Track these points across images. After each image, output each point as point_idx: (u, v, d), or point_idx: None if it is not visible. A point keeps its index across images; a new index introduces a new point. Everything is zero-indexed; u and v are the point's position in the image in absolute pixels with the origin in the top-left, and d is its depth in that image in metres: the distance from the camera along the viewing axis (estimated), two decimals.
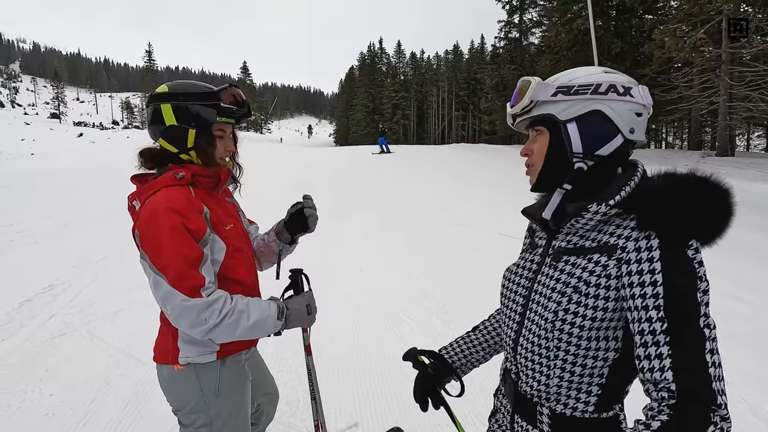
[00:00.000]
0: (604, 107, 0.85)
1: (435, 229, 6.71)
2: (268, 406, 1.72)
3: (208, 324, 1.21)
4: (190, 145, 1.35)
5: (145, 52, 69.75)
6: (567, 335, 0.84)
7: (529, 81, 0.90)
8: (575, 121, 0.86)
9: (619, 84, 0.85)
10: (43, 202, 8.63)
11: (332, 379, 2.77)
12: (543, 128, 0.90)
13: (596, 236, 0.85)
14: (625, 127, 0.85)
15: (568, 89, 0.86)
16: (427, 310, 3.82)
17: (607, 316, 0.81)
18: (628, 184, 0.84)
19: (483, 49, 52.88)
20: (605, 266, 0.81)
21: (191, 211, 1.26)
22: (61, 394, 2.61)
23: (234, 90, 1.39)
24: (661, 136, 35.35)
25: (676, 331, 0.70)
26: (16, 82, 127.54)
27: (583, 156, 0.86)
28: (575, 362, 0.85)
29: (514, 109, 0.93)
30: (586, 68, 0.89)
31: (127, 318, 3.62)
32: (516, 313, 0.96)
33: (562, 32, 20.14)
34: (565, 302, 0.84)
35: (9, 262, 5.07)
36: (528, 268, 0.97)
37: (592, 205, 0.83)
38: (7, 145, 28.98)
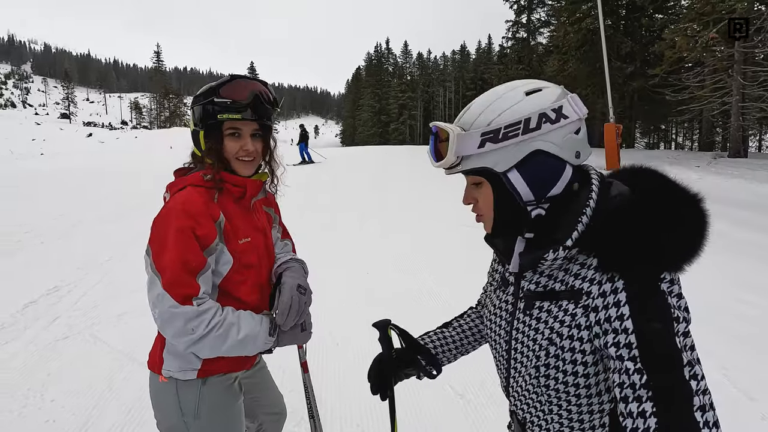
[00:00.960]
0: (542, 144, 0.74)
1: (439, 229, 6.64)
2: (271, 427, 1.63)
3: (195, 335, 1.14)
4: (203, 147, 1.31)
5: (153, 52, 70.32)
6: (554, 391, 0.78)
7: (447, 132, 0.78)
8: (516, 169, 0.75)
9: (548, 109, 0.74)
10: (51, 202, 8.67)
11: (337, 385, 2.71)
12: (482, 178, 0.79)
13: (564, 277, 0.77)
14: (570, 155, 0.76)
15: (495, 134, 0.74)
16: (434, 312, 3.74)
17: (590, 370, 0.75)
18: (582, 215, 0.74)
19: (490, 49, 52.71)
20: (573, 315, 0.74)
21: (204, 217, 1.21)
22: (62, 400, 2.57)
23: (236, 82, 1.28)
24: (670, 137, 34.94)
25: (656, 383, 0.62)
26: (28, 83, 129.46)
27: (537, 202, 0.77)
28: (571, 417, 0.80)
29: (439, 165, 0.81)
30: (502, 96, 0.76)
31: (131, 321, 3.59)
32: (503, 359, 0.90)
33: (571, 32, 19.94)
34: (544, 357, 0.78)
35: (16, 263, 5.08)
36: (505, 309, 0.89)
37: (548, 254, 0.74)
38: (17, 144, 29.36)
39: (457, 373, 2.49)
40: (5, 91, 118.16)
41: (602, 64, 11.62)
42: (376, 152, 21.47)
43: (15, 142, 31.82)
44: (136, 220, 7.14)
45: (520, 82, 0.79)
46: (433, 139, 0.83)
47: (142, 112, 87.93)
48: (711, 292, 4.07)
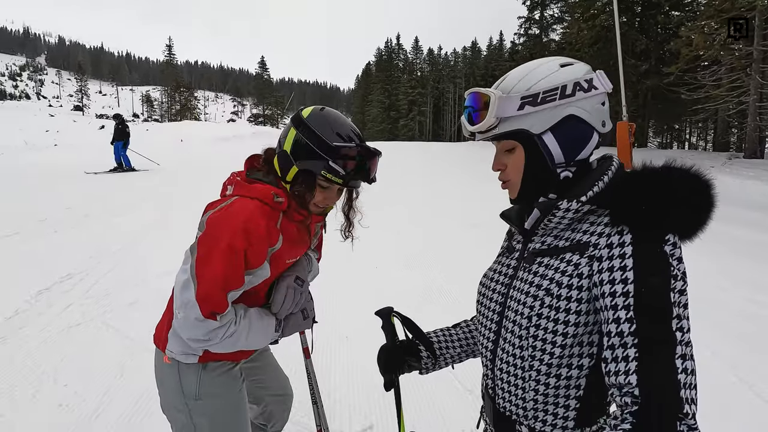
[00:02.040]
0: (575, 110, 0.80)
1: (450, 226, 6.61)
2: (277, 408, 1.66)
3: (209, 343, 1.20)
4: (289, 179, 1.27)
5: (165, 46, 70.78)
6: (541, 342, 0.79)
7: (488, 95, 0.82)
8: (550, 131, 0.80)
9: (582, 79, 0.80)
10: (65, 192, 8.79)
11: (346, 380, 2.71)
12: (514, 142, 0.83)
13: (570, 235, 0.81)
14: (598, 124, 0.82)
15: (534, 98, 0.79)
16: (443, 309, 3.73)
17: (581, 319, 0.76)
18: (601, 179, 0.79)
19: (501, 46, 52.24)
20: (577, 265, 0.76)
21: (261, 243, 1.20)
22: (75, 385, 2.61)
23: (355, 151, 1.23)
24: (684, 137, 34.40)
25: (644, 332, 0.66)
26: (42, 75, 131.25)
27: (566, 164, 0.82)
28: (549, 372, 0.79)
29: (477, 127, 0.84)
30: (539, 66, 0.82)
31: (142, 310, 3.62)
32: (492, 322, 0.89)
33: (585, 28, 19.67)
34: (538, 306, 0.79)
35: (29, 250, 5.15)
36: (504, 273, 0.91)
37: (562, 203, 0.78)
38: (31, 135, 29.78)
39: (466, 369, 2.48)
40: (20, 82, 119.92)
41: (616, 61, 11.41)
42: (384, 149, 21.41)
43: (29, 133, 32.30)
44: (146, 213, 7.22)
45: (550, 58, 0.84)
46: (471, 102, 0.86)
47: (154, 105, 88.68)
48: (722, 292, 4.00)
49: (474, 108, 0.85)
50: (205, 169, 12.36)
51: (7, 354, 2.91)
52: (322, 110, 1.29)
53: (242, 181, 1.28)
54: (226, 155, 15.34)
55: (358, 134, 1.28)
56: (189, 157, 16.29)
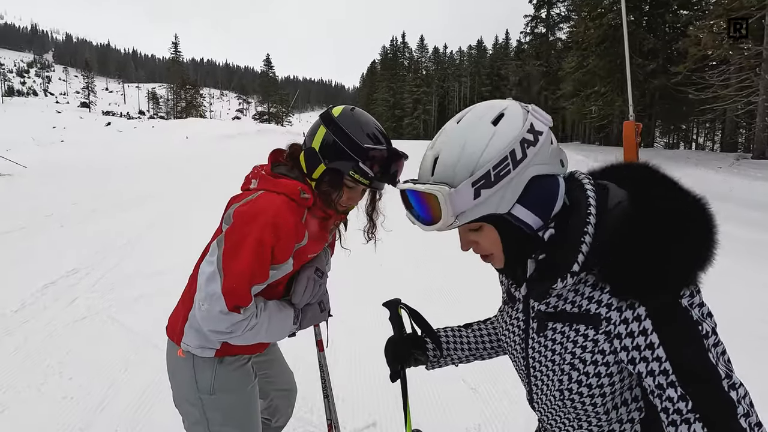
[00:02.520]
0: (534, 170, 0.71)
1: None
2: (282, 402, 1.66)
3: (229, 335, 1.19)
4: (315, 176, 1.28)
5: (171, 43, 71.03)
6: (582, 409, 0.78)
7: (434, 195, 0.71)
8: (517, 203, 0.71)
9: (524, 131, 0.70)
10: (71, 187, 8.84)
11: (350, 377, 2.71)
12: (483, 224, 0.75)
13: (574, 298, 0.75)
14: (558, 168, 0.74)
15: (487, 179, 0.69)
16: (445, 309, 3.72)
17: (616, 387, 0.75)
18: (585, 234, 0.70)
19: (507, 45, 52.06)
20: (595, 341, 0.72)
21: (289, 238, 1.21)
22: (80, 378, 2.62)
23: (384, 153, 1.23)
24: (691, 137, 34.14)
25: (702, 405, 0.62)
26: (50, 72, 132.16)
27: (545, 225, 0.74)
28: (599, 417, 0.78)
29: (435, 227, 0.74)
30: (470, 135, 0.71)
31: (146, 304, 3.64)
32: (523, 374, 0.89)
33: (592, 27, 19.57)
34: (566, 381, 0.77)
35: (36, 245, 5.19)
36: (516, 326, 0.88)
37: (556, 284, 0.71)
38: (39, 132, 29.99)
39: (471, 368, 2.46)
40: (28, 79, 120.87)
41: (623, 60, 11.35)
42: None
43: (36, 129, 32.48)
44: (151, 209, 7.25)
45: (473, 113, 0.74)
46: (415, 204, 0.76)
47: (159, 102, 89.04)
48: (737, 297, 3.96)
49: (423, 210, 0.75)
50: (220, 165, 12.40)
51: (13, 347, 2.93)
52: (353, 110, 1.29)
53: (267, 175, 1.27)
54: (231, 152, 15.38)
55: (385, 136, 1.28)
56: (196, 154, 16.34)
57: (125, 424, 2.25)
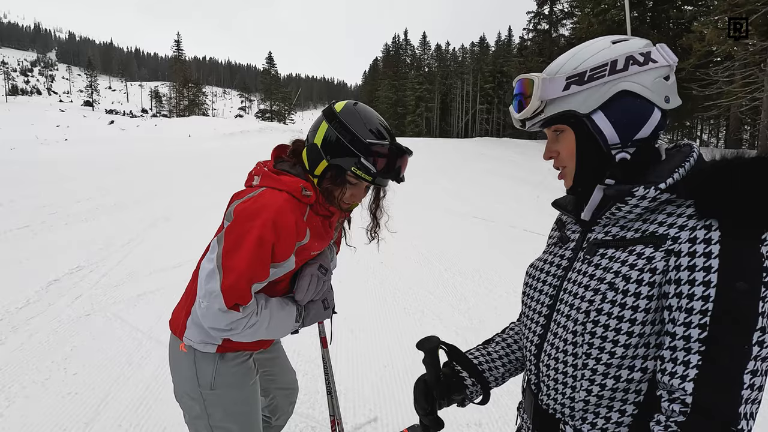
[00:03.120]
0: (630, 85, 0.72)
1: (456, 222, 6.59)
2: (283, 401, 1.66)
3: (230, 332, 1.19)
4: (317, 173, 1.27)
5: (173, 42, 71.09)
6: (600, 339, 0.70)
7: (531, 79, 0.78)
8: (601, 110, 0.73)
9: (636, 52, 0.73)
10: (75, 185, 8.88)
11: (352, 373, 2.72)
12: (564, 126, 0.77)
13: (641, 226, 0.72)
14: (659, 99, 0.73)
15: (581, 77, 0.73)
16: (448, 304, 3.73)
17: (648, 317, 0.67)
18: (682, 165, 0.71)
19: (510, 42, 51.83)
20: (650, 258, 0.67)
21: (290, 236, 1.19)
22: (84, 374, 2.64)
23: (390, 153, 1.22)
24: (695, 134, 33.93)
25: (716, 343, 0.60)
26: (53, 71, 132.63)
27: (622, 145, 0.73)
28: (607, 373, 0.71)
29: (522, 114, 0.79)
30: (589, 45, 0.76)
31: (149, 301, 3.66)
32: (541, 315, 0.83)
33: (595, 23, 19.46)
34: (599, 300, 0.70)
35: (40, 242, 5.22)
36: (557, 264, 0.84)
37: (638, 189, 0.70)
38: (42, 130, 30.13)
39: None
40: (31, 78, 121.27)
41: None
42: None
43: (40, 128, 32.64)
44: (154, 206, 7.28)
45: (608, 36, 0.78)
46: (517, 89, 0.81)
47: (162, 100, 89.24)
48: None
49: (521, 95, 0.80)
50: (222, 163, 12.43)
51: (18, 343, 2.96)
52: (356, 105, 1.27)
53: (270, 172, 1.26)
54: (234, 150, 15.40)
55: (389, 131, 1.26)
56: (201, 152, 16.38)
57: (129, 418, 2.27)
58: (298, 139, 1.37)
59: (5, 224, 5.79)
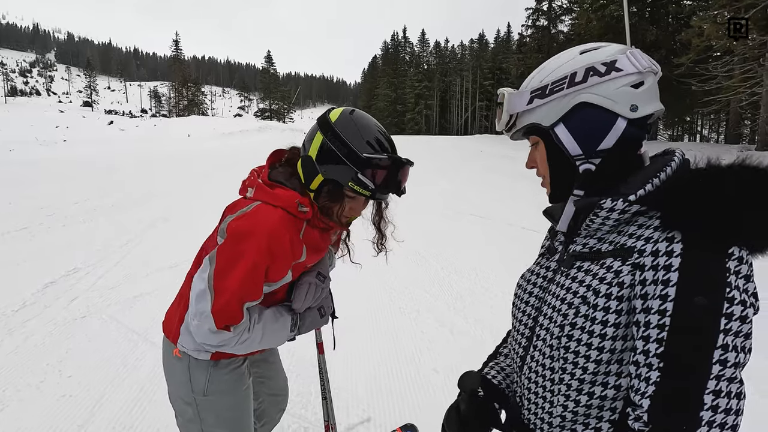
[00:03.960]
0: (588, 96, 0.73)
1: (454, 220, 6.59)
2: (271, 407, 1.65)
3: (222, 348, 1.19)
4: (313, 187, 1.21)
5: (172, 41, 70.99)
6: (573, 354, 0.70)
7: (503, 93, 0.82)
8: (562, 122, 0.75)
9: (598, 62, 0.73)
10: (73, 186, 8.89)
11: (346, 373, 2.72)
12: (536, 138, 0.82)
13: (615, 238, 0.72)
14: (622, 108, 0.72)
15: (543, 91, 0.76)
16: (444, 303, 3.73)
17: (619, 333, 0.67)
18: (657, 175, 0.70)
19: (509, 38, 51.70)
20: (618, 272, 0.68)
21: (285, 258, 1.16)
22: (79, 376, 2.65)
23: (386, 162, 1.16)
24: (695, 129, 33.85)
25: (673, 360, 0.59)
26: (52, 71, 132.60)
27: (585, 156, 0.75)
28: (581, 389, 0.71)
29: (498, 126, 0.85)
30: (557, 57, 0.79)
31: (145, 303, 3.67)
32: (526, 327, 0.83)
33: (594, 19, 19.41)
34: (572, 315, 0.70)
35: (38, 244, 5.23)
36: (542, 276, 0.85)
37: (605, 201, 0.70)
38: (41, 131, 30.12)
39: (466, 361, 2.48)
40: (30, 78, 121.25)
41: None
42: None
43: (39, 129, 32.61)
44: (152, 207, 7.28)
45: (588, 44, 0.79)
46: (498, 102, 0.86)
47: (161, 100, 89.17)
48: None
49: (500, 106, 0.85)
50: (222, 163, 12.41)
51: (14, 346, 2.97)
52: (352, 113, 1.20)
53: (264, 185, 1.20)
54: (233, 149, 15.39)
55: (389, 141, 1.20)
56: (198, 153, 16.37)
57: (123, 420, 2.28)
58: (294, 146, 1.32)
59: (3, 226, 5.79)
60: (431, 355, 2.91)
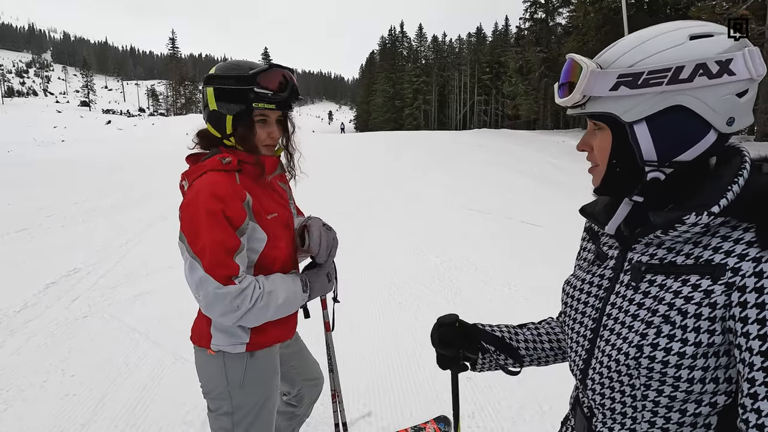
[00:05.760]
0: (688, 100, 0.61)
1: (453, 215, 6.60)
2: (309, 391, 1.73)
3: (241, 310, 1.21)
4: (229, 131, 1.31)
5: (169, 39, 70.66)
6: (659, 374, 0.64)
7: (580, 66, 0.67)
8: (645, 121, 0.64)
9: (711, 59, 0.60)
10: (72, 187, 8.89)
11: (347, 369, 2.73)
12: (603, 124, 0.69)
13: (692, 250, 0.64)
14: (719, 121, 0.62)
15: (635, 79, 0.62)
16: (444, 298, 3.74)
17: (710, 351, 0.61)
18: (735, 181, 0.62)
19: (507, 32, 51.46)
20: (708, 292, 0.61)
21: (233, 199, 1.23)
22: (81, 375, 2.67)
23: (274, 72, 1.30)
24: None
25: None
26: (49, 71, 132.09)
27: (658, 164, 0.65)
28: (671, 406, 0.65)
29: (562, 102, 0.72)
30: (660, 36, 0.63)
31: (146, 302, 3.68)
32: (585, 339, 0.77)
33: (591, 11, 19.33)
34: (653, 335, 0.64)
35: (38, 245, 5.24)
36: (597, 285, 0.78)
37: (689, 217, 0.61)
38: (40, 132, 30.06)
39: None
40: (27, 79, 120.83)
41: None
42: (387, 141, 21.24)
43: (37, 129, 32.57)
44: (152, 207, 7.29)
45: (694, 22, 0.65)
46: (564, 70, 0.72)
47: (159, 99, 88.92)
48: None
49: (565, 78, 0.72)
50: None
51: (16, 346, 2.98)
52: (225, 62, 1.35)
53: (190, 169, 1.32)
54: None
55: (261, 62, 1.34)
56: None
57: (126, 418, 2.29)
58: (201, 129, 1.41)
59: (3, 227, 5.80)
60: (432, 351, 2.92)
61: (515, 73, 32.82)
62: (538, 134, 21.92)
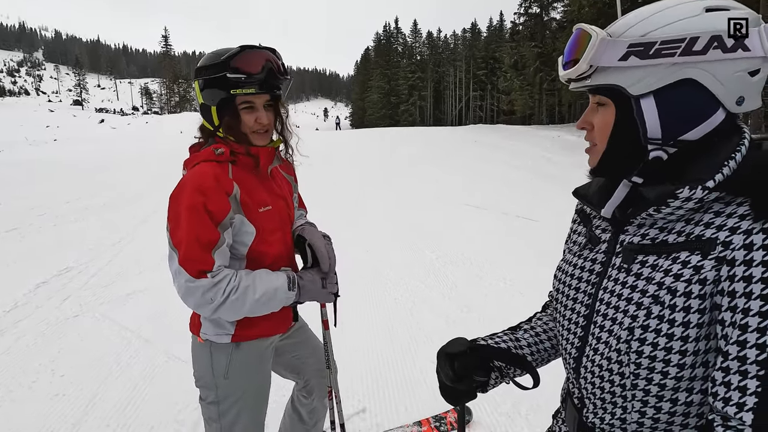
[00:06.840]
0: (699, 73, 0.59)
1: (448, 210, 6.58)
2: (318, 382, 1.71)
3: (214, 303, 1.20)
4: (216, 122, 1.31)
5: (161, 36, 70.05)
6: (648, 359, 0.62)
7: (589, 34, 0.64)
8: (653, 96, 0.61)
9: (726, 32, 0.58)
10: (64, 186, 8.79)
11: (341, 364, 2.71)
12: (607, 99, 0.67)
13: (684, 228, 0.62)
14: (729, 98, 0.60)
15: (646, 48, 0.59)
16: (440, 293, 3.73)
17: (702, 333, 0.59)
18: (732, 156, 0.60)
19: (502, 27, 51.34)
20: (698, 268, 0.58)
21: (215, 192, 1.22)
22: (72, 375, 2.63)
23: (249, 54, 1.25)
24: None
25: None
26: (40, 70, 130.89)
27: (662, 142, 0.62)
28: (661, 395, 0.63)
29: (566, 74, 0.69)
30: (675, 5, 0.61)
31: (138, 301, 3.64)
32: (577, 326, 0.75)
33: (586, 5, 19.27)
34: (643, 317, 0.62)
35: (28, 244, 5.17)
36: (589, 270, 0.75)
37: (682, 191, 0.59)
38: (31, 131, 29.78)
39: None
40: (18, 78, 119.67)
41: None
42: (385, 138, 21.21)
43: (29, 129, 32.24)
44: (144, 205, 7.22)
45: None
46: (571, 40, 0.68)
47: (153, 97, 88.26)
48: None
49: (570, 53, 0.68)
50: None
51: (5, 346, 2.94)
52: (211, 52, 1.34)
53: (188, 159, 1.33)
54: None
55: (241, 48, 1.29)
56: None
57: (116, 418, 2.26)
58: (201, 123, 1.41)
59: None
60: (428, 347, 2.90)
61: (510, 68, 32.78)
62: (533, 129, 21.92)
